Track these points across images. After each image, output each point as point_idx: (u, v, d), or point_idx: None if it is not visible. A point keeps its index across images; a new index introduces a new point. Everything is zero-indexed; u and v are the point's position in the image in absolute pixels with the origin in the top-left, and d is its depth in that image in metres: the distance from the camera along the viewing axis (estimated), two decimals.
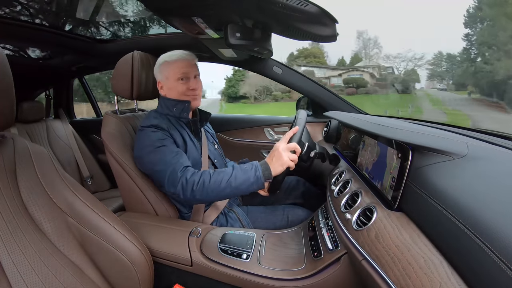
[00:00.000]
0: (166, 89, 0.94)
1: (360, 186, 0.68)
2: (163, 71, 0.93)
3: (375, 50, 20.74)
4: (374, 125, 0.67)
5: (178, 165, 0.79)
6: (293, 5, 0.59)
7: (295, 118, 0.86)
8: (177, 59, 0.91)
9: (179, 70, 0.91)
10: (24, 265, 0.48)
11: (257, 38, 0.83)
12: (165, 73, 0.92)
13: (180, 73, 0.91)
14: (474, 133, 0.77)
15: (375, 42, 20.70)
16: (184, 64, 0.91)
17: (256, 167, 0.77)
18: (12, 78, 0.50)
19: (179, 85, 0.91)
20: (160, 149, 0.82)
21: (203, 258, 0.72)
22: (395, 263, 0.42)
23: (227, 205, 0.98)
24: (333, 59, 20.89)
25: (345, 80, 17.96)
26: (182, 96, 0.92)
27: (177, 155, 0.82)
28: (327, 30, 0.69)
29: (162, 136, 0.85)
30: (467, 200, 0.37)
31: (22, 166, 0.55)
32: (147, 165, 0.84)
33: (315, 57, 20.03)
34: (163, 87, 0.95)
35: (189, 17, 0.80)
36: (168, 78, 0.92)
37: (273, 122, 1.58)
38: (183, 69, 0.91)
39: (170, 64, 0.91)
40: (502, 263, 0.28)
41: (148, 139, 0.84)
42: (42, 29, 1.19)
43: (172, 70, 0.91)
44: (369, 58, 20.35)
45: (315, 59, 20.03)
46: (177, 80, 0.91)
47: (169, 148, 0.83)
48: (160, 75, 0.94)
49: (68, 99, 2.06)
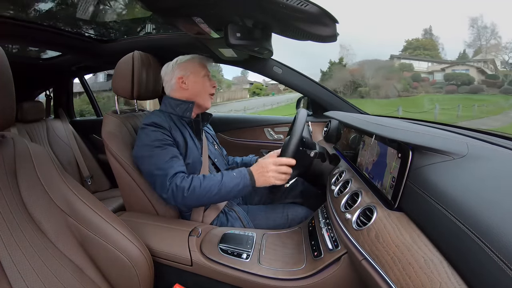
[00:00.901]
0: (189, 83, 0.98)
1: (360, 186, 0.68)
2: (187, 67, 0.98)
3: (492, 41, 16.71)
4: (374, 125, 0.67)
5: (170, 170, 0.80)
6: (294, 5, 0.59)
7: (295, 118, 0.86)
8: (200, 60, 1.01)
9: (203, 68, 1.00)
10: (24, 265, 0.48)
11: (257, 38, 0.83)
12: (190, 69, 0.98)
13: (206, 71, 1.00)
14: (474, 133, 0.77)
15: (492, 31, 17.10)
16: (205, 65, 1.01)
17: (244, 176, 0.80)
18: (12, 78, 0.50)
19: (206, 80, 0.99)
20: (155, 152, 0.83)
21: (203, 258, 0.72)
22: (395, 263, 0.42)
23: (227, 204, 0.98)
24: (451, 53, 17.33)
25: (446, 76, 16.08)
26: (203, 91, 0.99)
27: (172, 160, 0.82)
28: (327, 30, 0.69)
29: (162, 136, 0.85)
30: (467, 200, 0.37)
31: (22, 166, 0.55)
32: (142, 165, 0.86)
33: (425, 49, 18.09)
34: (185, 82, 0.97)
35: (189, 17, 0.80)
36: (193, 73, 0.98)
37: (273, 122, 1.58)
38: (206, 68, 1.00)
39: (195, 62, 0.99)
40: (502, 263, 0.28)
41: (147, 138, 0.85)
42: (42, 29, 1.19)
43: (198, 67, 0.99)
44: (486, 50, 17.13)
45: (424, 52, 18.11)
46: (203, 76, 0.99)
47: (165, 151, 0.83)
48: (182, 71, 0.98)
49: (68, 99, 2.06)
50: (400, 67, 20.39)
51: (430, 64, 17.45)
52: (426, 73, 17.99)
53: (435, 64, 16.94)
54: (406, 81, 19.72)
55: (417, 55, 17.52)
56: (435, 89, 17.66)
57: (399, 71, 20.24)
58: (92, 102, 2.16)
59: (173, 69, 0.98)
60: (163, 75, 1.01)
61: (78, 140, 1.86)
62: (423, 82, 19.35)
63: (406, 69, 19.58)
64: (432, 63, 16.95)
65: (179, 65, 0.98)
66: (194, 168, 0.92)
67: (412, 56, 18.82)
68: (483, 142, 0.61)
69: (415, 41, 17.98)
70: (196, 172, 0.92)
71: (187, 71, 0.97)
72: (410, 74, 19.75)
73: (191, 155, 0.91)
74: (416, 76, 19.38)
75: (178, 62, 0.99)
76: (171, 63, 1.01)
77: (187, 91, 0.97)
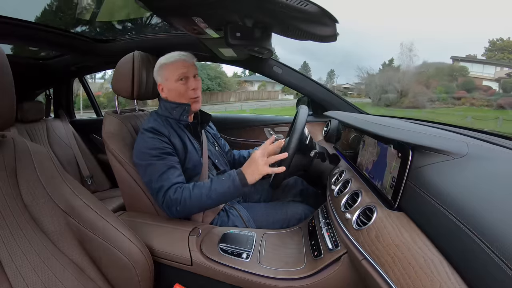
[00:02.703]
0: (166, 91, 0.94)
1: (360, 186, 0.68)
2: (162, 73, 0.93)
3: None
4: (374, 125, 0.67)
5: (165, 183, 0.81)
6: (294, 5, 0.59)
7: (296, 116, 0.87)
8: (175, 60, 0.92)
9: (177, 70, 0.91)
10: (25, 265, 0.48)
11: (257, 37, 0.83)
12: (164, 75, 0.93)
13: (179, 74, 0.91)
14: (474, 133, 0.77)
15: None
16: (182, 64, 0.92)
17: (233, 178, 0.79)
18: (12, 78, 0.50)
19: (179, 86, 0.91)
20: (152, 162, 0.83)
21: (203, 258, 0.72)
22: (395, 262, 0.42)
23: (227, 202, 0.98)
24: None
25: (504, 84, 11.72)
26: (182, 97, 0.93)
27: (168, 171, 0.82)
28: (327, 30, 0.69)
29: (160, 144, 0.85)
30: (467, 199, 0.38)
31: (23, 166, 0.55)
32: (140, 172, 0.87)
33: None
34: (163, 89, 0.95)
35: (189, 17, 0.80)
36: (167, 80, 0.93)
37: (273, 121, 1.58)
38: (181, 69, 0.91)
39: (169, 65, 0.92)
40: (502, 262, 0.28)
41: (144, 145, 0.86)
42: (42, 29, 1.19)
43: (171, 71, 0.92)
44: None
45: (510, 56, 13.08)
46: (176, 81, 0.91)
47: (162, 162, 0.83)
48: (160, 78, 0.95)
49: (68, 99, 2.06)
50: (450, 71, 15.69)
51: (499, 69, 12.75)
52: (491, 80, 13.31)
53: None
54: (443, 89, 15.44)
55: (499, 59, 12.48)
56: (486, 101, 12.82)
57: (442, 76, 16.48)
58: (92, 102, 2.16)
59: (155, 74, 0.96)
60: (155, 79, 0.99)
61: (78, 140, 1.85)
62: (476, 91, 14.51)
63: (458, 73, 15.74)
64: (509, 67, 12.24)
65: (157, 70, 0.94)
66: (195, 171, 0.92)
67: (484, 60, 13.83)
68: (483, 142, 0.61)
69: (500, 42, 13.22)
70: (197, 174, 0.92)
71: (163, 78, 0.93)
72: (463, 81, 15.13)
73: (191, 159, 0.91)
74: (468, 83, 14.90)
75: (157, 66, 0.95)
76: (156, 66, 0.96)
77: (169, 98, 0.94)
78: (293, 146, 0.80)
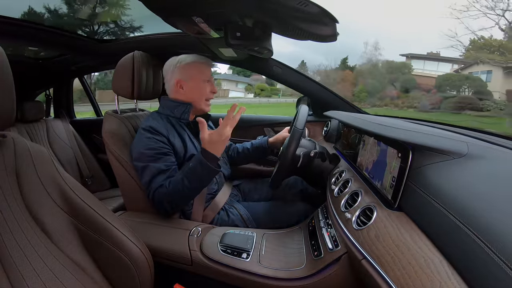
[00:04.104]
0: (187, 89, 0.95)
1: (360, 186, 0.68)
2: (188, 70, 0.95)
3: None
4: (374, 125, 0.67)
5: (153, 185, 0.83)
6: (294, 5, 0.59)
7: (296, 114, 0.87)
8: (206, 61, 0.97)
9: (207, 71, 0.96)
10: (25, 265, 0.48)
11: (257, 37, 0.83)
12: (190, 73, 0.95)
13: (207, 76, 0.96)
14: (474, 133, 0.77)
15: None
16: (210, 68, 0.97)
17: (197, 159, 0.79)
18: (12, 78, 0.50)
19: (206, 86, 0.96)
20: (146, 163, 0.84)
21: (203, 258, 0.72)
22: (395, 262, 0.42)
23: (227, 201, 0.99)
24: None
25: (440, 81, 10.31)
26: (202, 97, 0.96)
27: (159, 175, 0.83)
28: (327, 29, 0.69)
29: (155, 144, 0.85)
30: (467, 199, 0.38)
31: (23, 166, 0.55)
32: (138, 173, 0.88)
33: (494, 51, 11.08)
34: (183, 86, 0.95)
35: (189, 17, 0.80)
36: (193, 78, 0.94)
37: (273, 121, 1.58)
38: (209, 72, 0.97)
39: (199, 65, 0.95)
40: (502, 262, 0.28)
41: (141, 144, 0.86)
42: (42, 29, 1.19)
43: (201, 71, 0.95)
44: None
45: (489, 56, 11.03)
46: (205, 81, 0.95)
47: (155, 165, 0.84)
48: (182, 75, 0.95)
49: (68, 99, 2.06)
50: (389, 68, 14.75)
51: (457, 66, 11.48)
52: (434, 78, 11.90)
53: None
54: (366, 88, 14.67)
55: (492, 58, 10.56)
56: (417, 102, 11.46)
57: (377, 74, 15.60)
58: (92, 102, 2.16)
59: (174, 70, 0.96)
60: (164, 74, 1.00)
61: (78, 140, 1.86)
62: (417, 90, 13.14)
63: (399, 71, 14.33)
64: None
65: (179, 67, 0.95)
66: None
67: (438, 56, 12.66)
68: (483, 142, 0.61)
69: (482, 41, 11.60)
70: None
71: (187, 76, 0.95)
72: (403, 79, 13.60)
73: (190, 157, 0.91)
74: (408, 81, 13.51)
75: (179, 63, 0.96)
76: (173, 61, 0.98)
77: (184, 95, 0.96)
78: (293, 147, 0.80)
